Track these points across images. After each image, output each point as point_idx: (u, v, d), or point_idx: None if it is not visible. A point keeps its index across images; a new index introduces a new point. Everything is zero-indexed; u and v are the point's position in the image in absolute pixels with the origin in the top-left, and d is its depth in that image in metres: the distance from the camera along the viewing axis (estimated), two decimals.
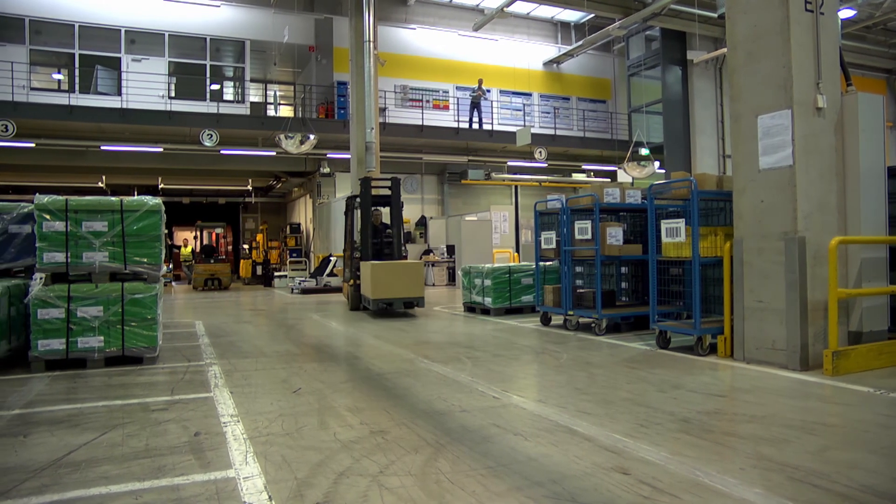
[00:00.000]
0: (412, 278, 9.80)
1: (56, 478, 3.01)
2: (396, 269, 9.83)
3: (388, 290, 9.58)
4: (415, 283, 9.78)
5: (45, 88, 18.35)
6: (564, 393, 4.62)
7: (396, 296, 9.65)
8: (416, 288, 9.74)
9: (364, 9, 15.13)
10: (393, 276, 9.65)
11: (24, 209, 6.38)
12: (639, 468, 3.01)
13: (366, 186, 10.89)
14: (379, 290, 9.56)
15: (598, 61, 24.62)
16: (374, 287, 9.57)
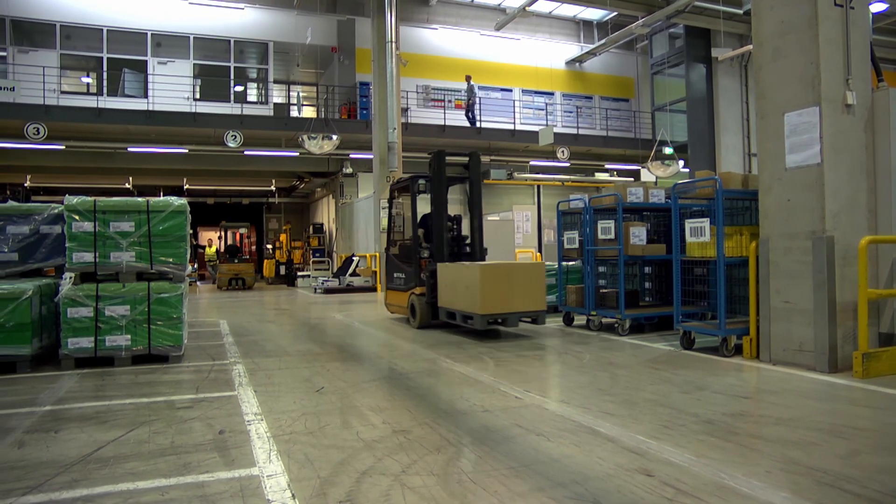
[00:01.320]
0: (533, 285, 7.51)
1: (85, 473, 3.07)
2: (513, 274, 7.45)
3: (501, 301, 7.26)
4: (536, 292, 7.52)
5: (74, 92, 18.70)
6: (587, 393, 4.59)
7: (513, 309, 7.33)
8: (537, 298, 7.52)
9: (386, 9, 15.19)
10: (507, 284, 7.32)
11: (54, 210, 6.51)
12: (662, 470, 2.98)
13: (440, 161, 8.71)
14: (489, 302, 7.19)
15: (621, 60, 24.42)
16: (484, 298, 7.15)
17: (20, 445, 3.53)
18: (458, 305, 7.62)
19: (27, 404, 4.50)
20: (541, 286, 7.53)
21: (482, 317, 7.12)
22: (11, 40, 17.33)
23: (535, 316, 7.51)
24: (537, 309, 7.45)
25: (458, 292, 7.64)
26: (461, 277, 7.60)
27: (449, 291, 7.92)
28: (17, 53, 17.36)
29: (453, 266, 7.91)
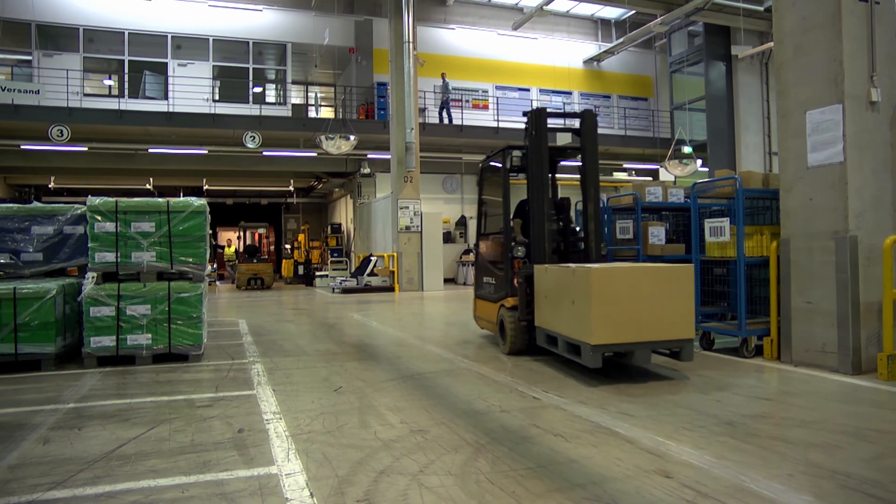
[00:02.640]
0: (676, 299, 4.95)
1: (108, 469, 3.11)
2: (644, 282, 4.93)
3: (625, 325, 4.83)
4: (680, 310, 4.96)
5: (96, 94, 18.97)
6: (605, 394, 4.56)
7: (643, 337, 4.89)
8: (681, 319, 4.95)
9: (404, 10, 15.22)
10: (635, 297, 4.86)
11: (77, 211, 6.60)
12: (682, 471, 2.95)
13: (539, 120, 6.24)
14: (606, 325, 4.78)
15: (640, 58, 24.24)
16: (598, 320, 4.77)
17: (45, 442, 3.59)
18: (561, 328, 5.29)
19: (52, 401, 4.57)
20: (687, 301, 4.95)
21: (594, 349, 4.75)
22: (37, 44, 17.62)
23: (678, 347, 4.94)
24: (681, 337, 4.87)
25: (561, 308, 5.28)
26: (565, 286, 5.25)
27: (549, 306, 5.58)
28: (42, 57, 17.65)
29: (554, 269, 5.52)
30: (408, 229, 16.11)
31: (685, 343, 4.97)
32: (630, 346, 4.86)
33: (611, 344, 4.82)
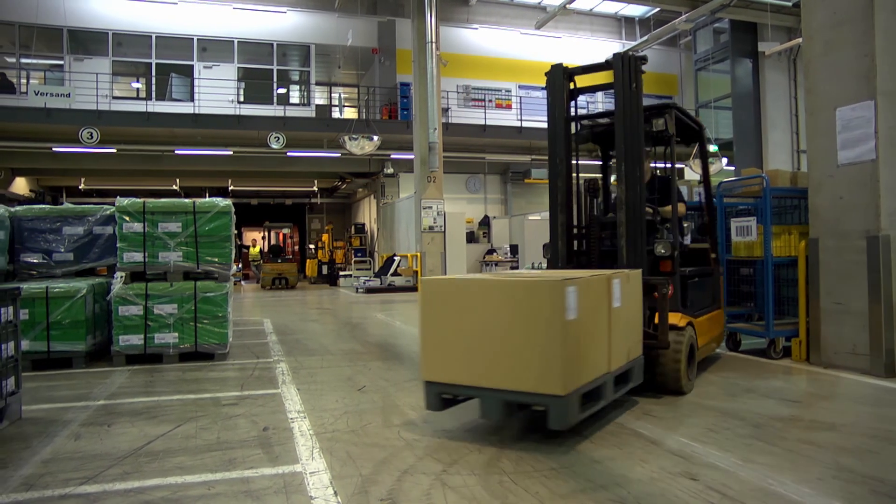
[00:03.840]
0: (533, 335, 3.25)
1: (137, 466, 3.16)
2: (494, 303, 3.39)
3: (475, 363, 3.42)
4: (542, 353, 3.23)
5: (125, 97, 19.31)
6: (628, 394, 4.52)
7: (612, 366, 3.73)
8: (542, 367, 3.22)
9: (426, 10, 15.24)
10: (487, 324, 3.38)
11: (106, 212, 6.72)
12: (707, 474, 2.91)
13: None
14: (443, 359, 3.56)
15: (664, 56, 23.99)
16: (428, 349, 3.61)
17: (76, 438, 3.66)
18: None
19: (82, 398, 4.67)
20: (553, 337, 3.19)
21: (427, 386, 3.61)
22: (68, 49, 17.99)
23: (540, 404, 3.30)
24: (539, 391, 3.24)
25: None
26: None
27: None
28: (73, 61, 18.02)
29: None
30: (431, 229, 16.12)
31: (550, 400, 3.18)
32: (474, 390, 3.47)
33: (447, 384, 3.54)
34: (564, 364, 3.16)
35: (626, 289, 3.92)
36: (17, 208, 6.72)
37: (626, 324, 3.89)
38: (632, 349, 3.99)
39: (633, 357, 3.99)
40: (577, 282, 3.28)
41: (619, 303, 3.77)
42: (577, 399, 3.26)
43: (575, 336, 3.24)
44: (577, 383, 3.26)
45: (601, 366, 3.54)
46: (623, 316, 3.84)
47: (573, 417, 3.27)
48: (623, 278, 3.89)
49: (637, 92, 4.60)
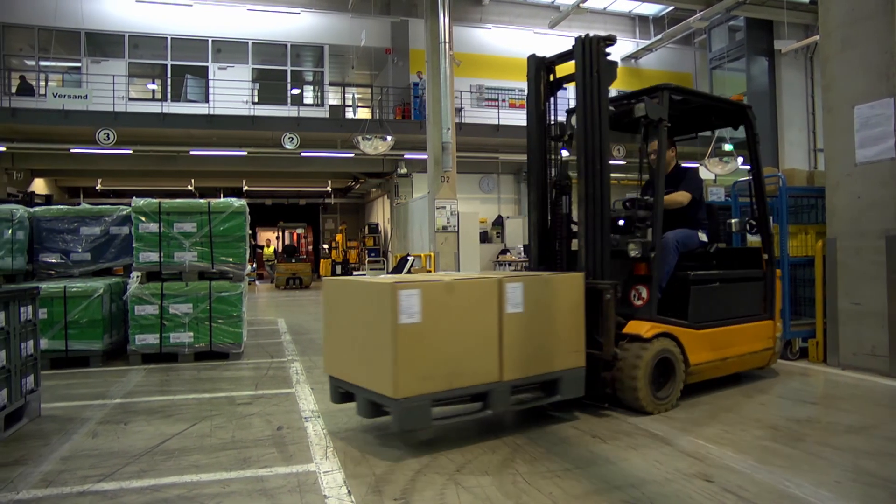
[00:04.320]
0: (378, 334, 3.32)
1: (152, 464, 3.19)
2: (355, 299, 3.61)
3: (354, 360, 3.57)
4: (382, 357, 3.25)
5: (141, 98, 19.48)
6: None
7: (363, 382, 3.45)
8: (383, 374, 3.24)
9: (439, 10, 15.23)
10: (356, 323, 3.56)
11: (122, 212, 6.79)
12: (723, 476, 2.89)
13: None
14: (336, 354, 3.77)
15: (678, 55, 23.82)
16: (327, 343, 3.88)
17: (94, 435, 3.70)
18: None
19: (100, 397, 4.71)
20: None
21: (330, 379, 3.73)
22: (86, 51, 18.18)
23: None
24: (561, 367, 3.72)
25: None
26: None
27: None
28: (91, 64, 18.20)
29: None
30: (445, 229, 16.11)
31: (390, 403, 3.18)
32: (352, 387, 3.55)
33: (339, 379, 3.68)
34: (397, 368, 3.12)
35: (543, 293, 3.67)
36: (35, 209, 6.80)
37: (541, 331, 3.64)
38: (558, 358, 3.72)
39: (560, 367, 3.72)
40: (418, 286, 3.22)
41: (520, 308, 3.55)
42: (421, 404, 3.19)
43: (416, 341, 3.18)
44: (423, 389, 3.20)
45: (481, 374, 3.41)
46: (534, 323, 3.60)
47: (413, 423, 3.23)
48: (531, 282, 3.62)
49: (600, 78, 4.14)
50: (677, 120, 4.83)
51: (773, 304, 4.95)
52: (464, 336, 3.36)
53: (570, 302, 3.82)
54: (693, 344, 4.24)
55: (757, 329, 4.80)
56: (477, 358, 3.40)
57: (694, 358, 4.22)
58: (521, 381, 3.57)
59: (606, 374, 3.98)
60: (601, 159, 4.11)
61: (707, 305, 4.46)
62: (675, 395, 4.09)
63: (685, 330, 4.23)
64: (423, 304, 3.18)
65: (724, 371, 4.61)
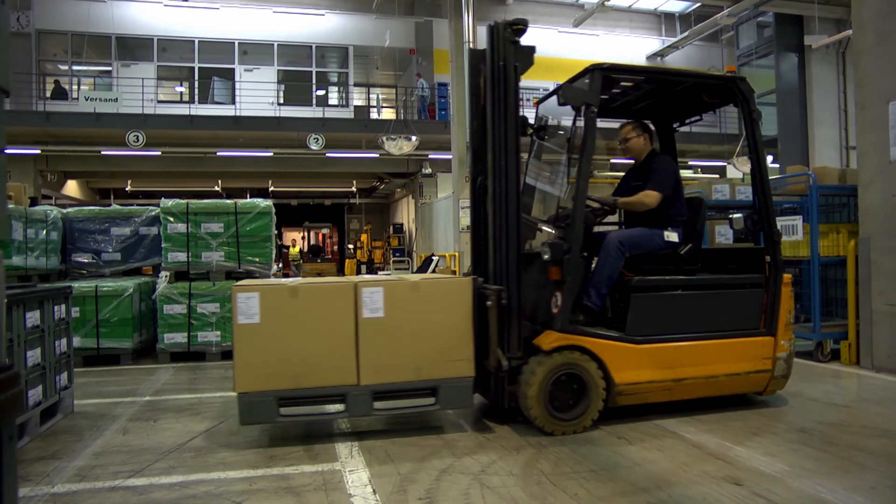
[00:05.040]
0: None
1: (181, 460, 3.24)
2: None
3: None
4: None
5: (169, 101, 19.80)
6: None
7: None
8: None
9: (463, 10, 15.24)
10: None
11: (151, 213, 6.91)
12: (752, 479, 2.84)
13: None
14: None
15: (705, 52, 23.51)
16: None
17: (125, 432, 3.77)
18: None
19: (130, 394, 4.80)
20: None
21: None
22: (116, 55, 18.54)
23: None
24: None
25: None
26: None
27: None
28: (121, 67, 18.55)
29: None
30: (469, 229, 16.10)
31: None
32: None
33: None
34: (236, 364, 3.42)
35: (411, 298, 3.57)
36: (68, 210, 6.95)
37: (411, 337, 3.54)
38: (436, 367, 3.57)
39: (438, 375, 3.57)
40: (258, 289, 3.42)
41: (380, 313, 3.50)
42: (265, 400, 3.38)
43: (255, 340, 3.39)
44: (267, 386, 3.40)
45: (335, 376, 3.46)
46: (400, 329, 3.52)
47: (256, 418, 3.44)
48: (395, 287, 3.56)
49: (505, 66, 3.74)
50: (669, 105, 4.67)
51: (774, 317, 4.09)
52: (313, 338, 3.46)
53: (453, 308, 3.64)
54: (622, 360, 3.71)
55: (743, 347, 4.01)
56: (330, 360, 3.47)
57: (624, 376, 3.70)
58: (384, 387, 3.53)
59: (511, 386, 3.65)
60: (506, 154, 3.73)
61: (655, 316, 3.87)
62: (588, 415, 3.61)
63: (611, 343, 3.72)
64: (263, 307, 3.39)
65: (683, 394, 3.92)
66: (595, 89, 3.87)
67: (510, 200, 3.71)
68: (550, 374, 3.55)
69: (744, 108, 4.20)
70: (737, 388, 4.10)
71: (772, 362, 4.04)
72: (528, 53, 3.82)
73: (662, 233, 4.13)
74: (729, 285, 4.13)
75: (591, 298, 3.88)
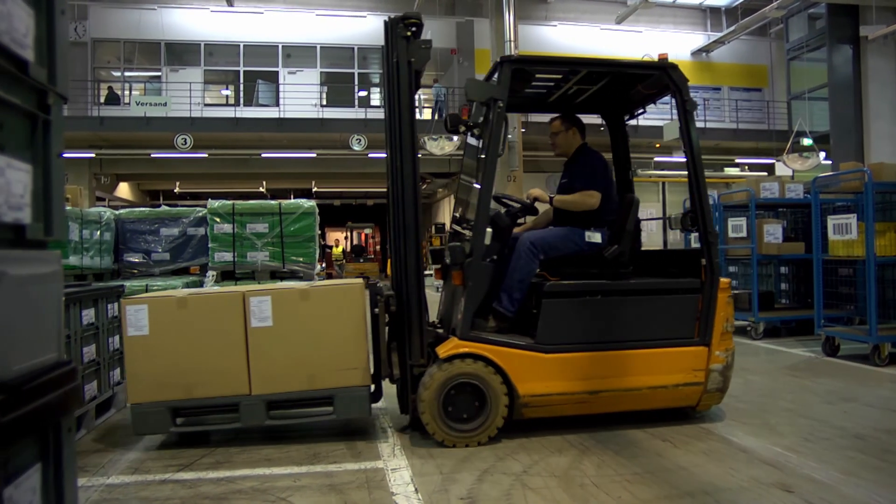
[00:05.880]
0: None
1: (228, 456, 3.32)
2: None
3: None
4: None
5: (215, 104, 20.27)
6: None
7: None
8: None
9: (504, 9, 15.20)
10: None
11: (198, 213, 7.07)
12: (804, 486, 2.76)
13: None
14: None
15: (753, 47, 22.90)
16: None
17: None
18: None
19: None
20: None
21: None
22: (165, 61, 19.10)
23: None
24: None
25: None
26: None
27: None
28: (169, 72, 19.09)
29: None
30: None
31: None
32: None
33: None
34: (127, 376, 3.51)
35: (301, 306, 3.51)
36: (120, 211, 7.18)
37: (301, 346, 3.48)
38: (328, 376, 3.49)
39: (332, 384, 3.49)
40: (146, 301, 3.47)
41: (268, 322, 3.46)
42: (157, 410, 3.39)
43: (145, 352, 3.41)
44: (158, 396, 3.40)
45: (227, 386, 3.45)
46: (290, 337, 3.47)
47: (148, 428, 3.44)
48: (283, 295, 3.50)
49: (398, 63, 3.61)
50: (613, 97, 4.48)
51: (708, 326, 3.73)
52: (203, 349, 3.45)
53: (345, 315, 3.55)
54: (528, 371, 3.48)
55: (671, 357, 3.69)
56: (221, 370, 3.46)
57: (529, 387, 3.47)
58: (277, 396, 3.50)
59: (414, 394, 3.50)
60: (402, 153, 3.57)
61: (568, 323, 3.60)
62: (488, 427, 3.41)
63: (515, 352, 3.49)
64: (152, 319, 3.40)
65: (601, 408, 3.64)
66: (504, 83, 3.68)
67: (406, 201, 3.57)
68: (446, 384, 3.39)
69: (677, 98, 3.92)
70: (664, 401, 3.75)
71: (704, 374, 3.69)
72: (421, 50, 3.65)
73: (583, 233, 3.88)
74: (657, 290, 3.79)
75: (503, 303, 3.68)
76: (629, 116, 4.68)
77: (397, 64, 3.59)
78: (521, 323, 3.74)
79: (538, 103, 4.74)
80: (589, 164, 4.06)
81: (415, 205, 3.56)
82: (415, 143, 3.58)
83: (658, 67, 3.94)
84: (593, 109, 4.71)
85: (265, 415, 3.48)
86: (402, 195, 3.57)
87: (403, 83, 3.57)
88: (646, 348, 3.67)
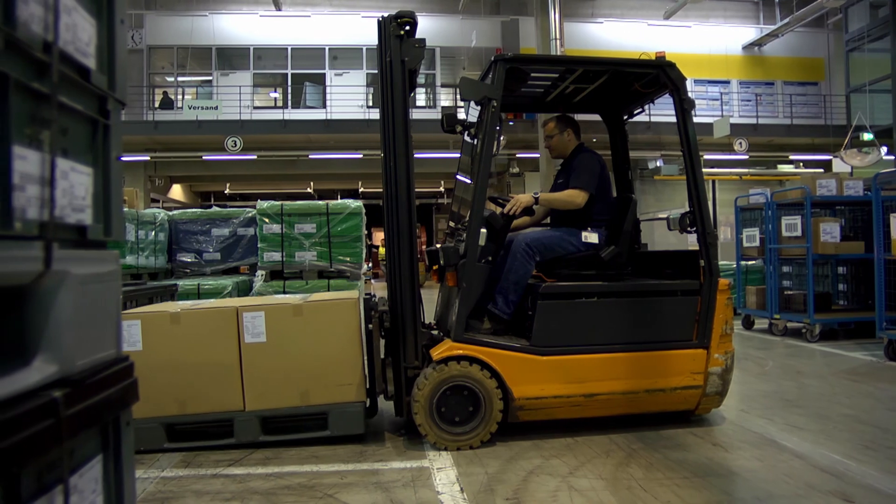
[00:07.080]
0: None
1: (276, 453, 3.38)
2: None
3: None
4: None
5: (264, 106, 20.70)
6: (770, 403, 4.23)
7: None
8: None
9: (550, 7, 15.10)
10: None
11: (248, 214, 7.24)
12: (865, 497, 2.65)
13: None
14: None
15: (808, 39, 22.13)
16: None
17: None
18: None
19: None
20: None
21: None
22: (216, 65, 19.61)
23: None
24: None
25: None
26: None
27: None
28: (220, 77, 19.60)
29: None
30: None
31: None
32: None
33: None
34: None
35: (293, 321, 3.47)
36: (173, 212, 7.40)
37: (293, 362, 3.45)
38: (321, 392, 3.48)
39: (325, 401, 3.48)
40: (139, 316, 3.41)
41: (262, 338, 3.44)
42: (151, 426, 3.36)
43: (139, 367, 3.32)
44: (152, 412, 3.35)
45: (221, 402, 3.43)
46: (283, 353, 3.45)
47: (143, 444, 3.34)
48: (276, 311, 3.45)
49: (394, 64, 3.54)
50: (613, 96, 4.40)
51: (707, 328, 3.66)
52: (197, 364, 3.42)
53: (338, 331, 3.51)
54: (523, 373, 3.45)
55: (670, 360, 3.63)
56: (215, 386, 3.43)
57: (524, 390, 3.44)
58: (271, 413, 3.48)
59: (408, 397, 3.47)
60: (395, 154, 3.53)
61: (564, 326, 3.56)
62: (483, 430, 3.39)
63: (510, 355, 3.46)
64: (145, 333, 3.38)
65: (597, 411, 3.59)
66: (498, 82, 3.64)
67: (400, 204, 3.52)
68: (439, 386, 3.37)
69: (675, 97, 3.86)
70: (662, 405, 3.68)
71: (703, 378, 3.62)
72: (415, 48, 3.58)
73: (580, 234, 3.83)
74: (655, 292, 3.73)
75: (499, 305, 3.66)
76: (629, 116, 4.63)
77: (391, 63, 3.55)
78: (517, 324, 3.72)
79: (536, 103, 4.71)
80: (583, 164, 4.01)
81: (409, 206, 3.53)
82: (409, 143, 3.55)
83: (655, 66, 3.89)
84: (591, 109, 4.69)
85: (259, 431, 3.47)
86: (395, 196, 3.54)
87: (397, 83, 3.55)
88: (643, 351, 3.62)
